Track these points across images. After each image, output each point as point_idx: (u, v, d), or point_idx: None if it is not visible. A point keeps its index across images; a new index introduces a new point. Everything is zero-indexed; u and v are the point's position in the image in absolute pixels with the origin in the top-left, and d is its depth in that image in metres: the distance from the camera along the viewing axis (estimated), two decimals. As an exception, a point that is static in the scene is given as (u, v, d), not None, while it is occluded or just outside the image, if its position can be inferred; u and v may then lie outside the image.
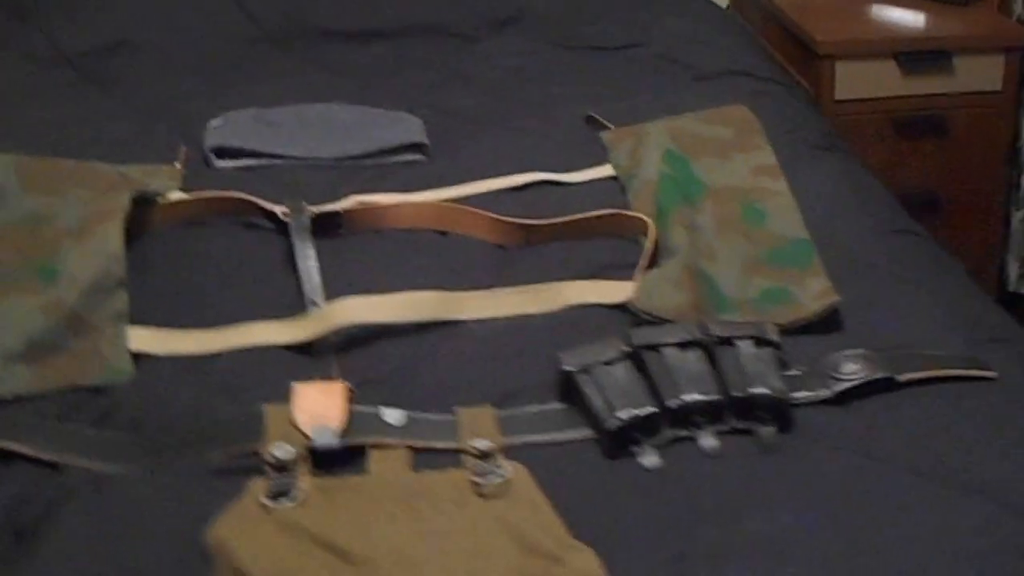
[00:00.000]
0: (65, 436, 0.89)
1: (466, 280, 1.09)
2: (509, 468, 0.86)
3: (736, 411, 0.91)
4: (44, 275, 0.98)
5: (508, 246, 1.16)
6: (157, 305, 1.02)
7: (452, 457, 0.89)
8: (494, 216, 1.16)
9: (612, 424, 0.88)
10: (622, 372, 0.92)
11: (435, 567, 0.77)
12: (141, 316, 1.00)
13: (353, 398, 0.93)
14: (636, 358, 0.93)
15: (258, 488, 0.84)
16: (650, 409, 0.89)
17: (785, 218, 1.16)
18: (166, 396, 0.94)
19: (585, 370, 0.92)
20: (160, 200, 1.17)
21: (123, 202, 1.09)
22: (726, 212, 1.16)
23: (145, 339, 0.99)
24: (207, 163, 1.30)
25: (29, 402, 0.92)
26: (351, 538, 0.79)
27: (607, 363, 0.93)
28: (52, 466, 0.88)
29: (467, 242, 1.16)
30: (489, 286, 1.07)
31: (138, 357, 0.97)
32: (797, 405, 0.93)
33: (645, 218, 1.13)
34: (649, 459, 0.89)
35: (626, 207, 1.20)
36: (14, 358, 0.93)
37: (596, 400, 0.91)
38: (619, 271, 1.10)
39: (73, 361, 0.95)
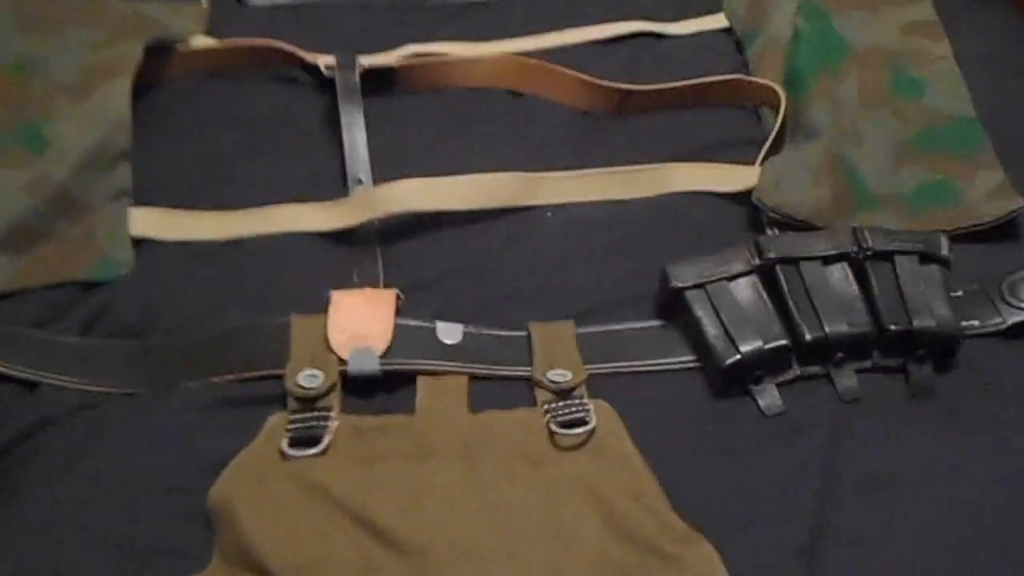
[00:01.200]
0: (45, 347, 0.72)
1: (546, 155, 0.88)
2: (594, 410, 0.68)
3: (886, 346, 0.71)
4: (30, 142, 0.80)
5: (598, 114, 0.94)
6: (167, 179, 0.83)
7: (522, 389, 0.70)
8: (582, 76, 0.93)
9: (728, 358, 0.69)
10: (747, 291, 0.72)
11: (504, 561, 0.59)
12: (146, 194, 0.81)
13: (401, 308, 0.74)
14: (766, 274, 0.72)
15: (277, 426, 0.67)
16: (781, 342, 0.69)
17: (947, 91, 0.91)
18: (171, 296, 0.76)
19: (699, 286, 0.72)
20: (180, 47, 0.96)
21: (134, 52, 0.88)
22: (873, 81, 0.91)
23: (150, 222, 0.80)
24: (238, 0, 1.08)
25: (4, 302, 0.75)
26: (392, 512, 0.61)
27: (728, 277, 0.72)
28: (28, 385, 0.71)
29: (548, 107, 0.94)
30: (574, 164, 0.86)
31: (140, 245, 0.79)
32: (962, 339, 0.72)
33: (775, 86, 0.90)
34: (770, 401, 0.70)
35: (740, 69, 0.97)
36: (-8, 247, 0.75)
37: (711, 326, 0.71)
38: (736, 151, 0.88)
39: (61, 250, 0.77)
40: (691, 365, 0.72)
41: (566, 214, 0.83)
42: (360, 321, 0.71)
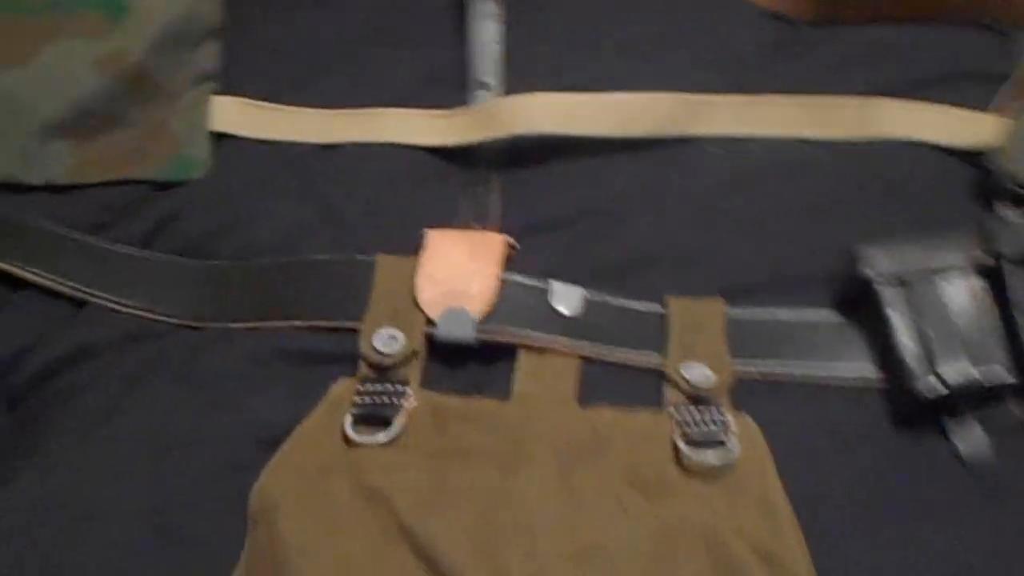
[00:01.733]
0: (98, 257, 0.62)
1: (723, 72, 0.69)
2: (738, 431, 0.52)
3: None
4: (108, 6, 0.67)
5: (795, 20, 0.74)
6: (259, 66, 0.70)
7: (646, 383, 0.56)
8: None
9: (927, 389, 0.52)
10: (962, 296, 0.54)
11: None
12: (233, 82, 0.69)
13: (512, 259, 0.60)
14: (993, 275, 0.54)
15: (341, 397, 0.55)
16: (1003, 376, 0.52)
17: None
18: (248, 209, 0.64)
19: (899, 280, 0.55)
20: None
21: None
22: None
23: (234, 115, 0.67)
24: None
25: (58, 198, 0.64)
26: (462, 547, 0.48)
27: (938, 272, 0.55)
28: (74, 303, 0.61)
29: (731, 6, 0.75)
30: (757, 88, 0.67)
31: (220, 142, 0.67)
32: None
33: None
34: (974, 446, 0.53)
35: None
36: (52, 130, 0.65)
37: (907, 338, 0.54)
38: (972, 89, 0.67)
39: (128, 141, 0.66)
40: (871, 383, 0.55)
41: (736, 152, 0.65)
42: (458, 273, 0.58)
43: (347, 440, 0.53)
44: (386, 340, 0.56)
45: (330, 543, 0.49)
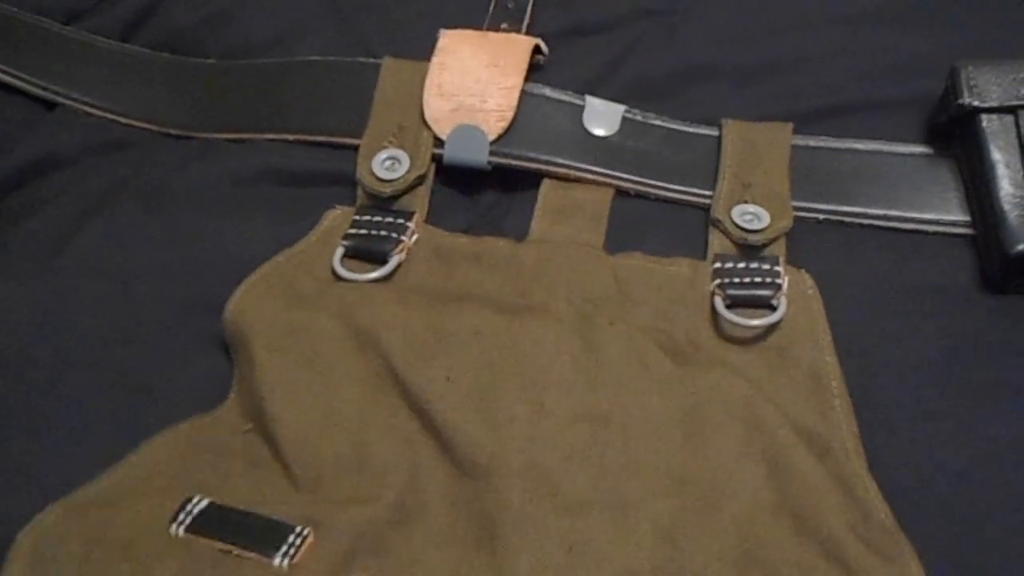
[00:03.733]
0: (72, 51, 0.55)
1: None
2: (789, 289, 0.44)
3: None
4: None
5: None
6: None
7: (690, 222, 0.47)
8: None
9: (1016, 247, 0.43)
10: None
11: (603, 512, 0.40)
12: None
13: (540, 68, 0.51)
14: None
15: (334, 228, 0.48)
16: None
17: None
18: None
19: (1008, 109, 0.44)
20: None
21: None
22: None
23: None
24: None
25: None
26: (461, 400, 0.42)
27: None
28: (45, 105, 0.54)
29: None
30: None
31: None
32: None
33: None
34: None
35: None
36: None
37: (1008, 182, 0.44)
38: None
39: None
40: (960, 229, 0.46)
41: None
42: (474, 83, 0.49)
43: (336, 275, 0.46)
44: (388, 165, 0.48)
45: (308, 384, 0.43)
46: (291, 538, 0.38)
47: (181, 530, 0.39)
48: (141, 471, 0.41)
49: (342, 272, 0.46)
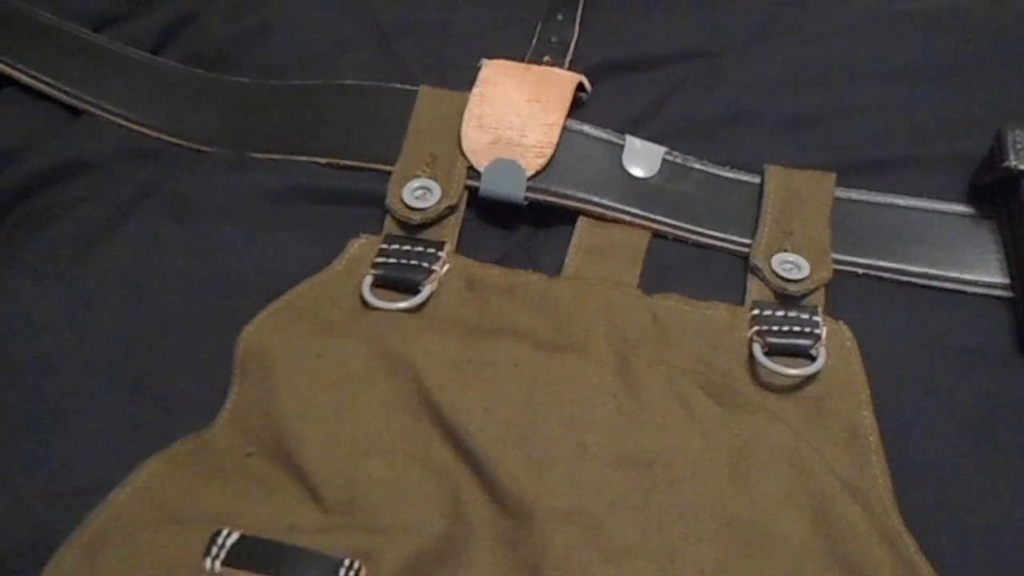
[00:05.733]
0: (102, 60, 0.54)
1: None
2: (827, 339, 0.43)
3: None
4: None
5: None
6: None
7: (727, 269, 0.47)
8: None
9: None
10: None
11: (647, 559, 0.38)
12: None
13: (580, 103, 0.50)
14: None
15: (361, 256, 0.47)
16: None
17: None
18: (278, 14, 0.55)
19: (1053, 173, 0.44)
20: None
21: None
22: None
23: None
24: None
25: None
26: (500, 433, 0.41)
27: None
28: (72, 111, 0.53)
29: None
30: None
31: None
32: None
33: None
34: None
35: None
36: None
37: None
38: None
39: None
40: (1000, 292, 0.45)
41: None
42: (514, 117, 0.48)
43: (364, 304, 0.45)
44: (419, 194, 0.47)
45: (336, 408, 0.41)
46: (343, 570, 0.37)
47: (218, 565, 0.37)
48: (142, 501, 0.39)
49: (372, 300, 0.45)
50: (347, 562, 0.37)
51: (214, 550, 0.37)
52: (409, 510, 0.39)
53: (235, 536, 0.37)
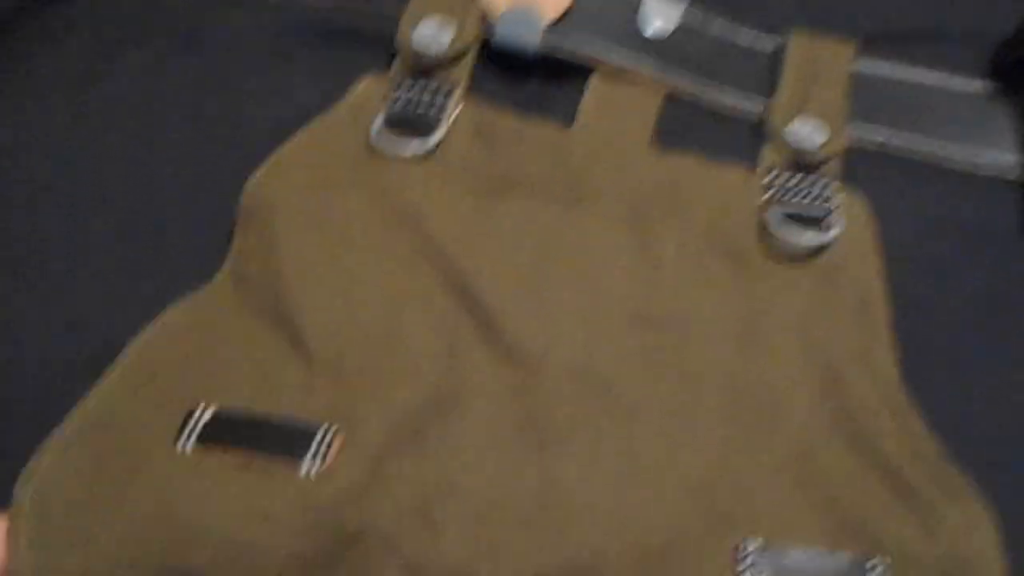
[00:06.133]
0: None
1: None
2: (844, 210, 0.43)
3: None
4: None
5: None
6: None
7: (741, 135, 0.45)
8: None
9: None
10: None
11: (664, 414, 0.38)
12: None
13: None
14: None
15: (370, 95, 0.45)
16: None
17: None
18: None
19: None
20: None
21: None
22: None
23: None
24: None
25: None
26: (509, 285, 0.40)
27: None
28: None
29: None
30: None
31: None
32: None
33: None
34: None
35: None
36: None
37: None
38: None
39: None
40: (1014, 175, 0.45)
41: None
42: (532, -38, 0.46)
43: (372, 149, 0.43)
44: (431, 32, 0.45)
45: (336, 263, 0.40)
46: (317, 439, 0.36)
47: (190, 445, 0.35)
48: (136, 376, 0.38)
49: (379, 146, 0.43)
50: (323, 430, 0.36)
51: (188, 429, 0.36)
52: (399, 364, 0.38)
53: (209, 413, 0.36)
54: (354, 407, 0.36)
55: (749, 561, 0.35)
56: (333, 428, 0.36)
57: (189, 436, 0.36)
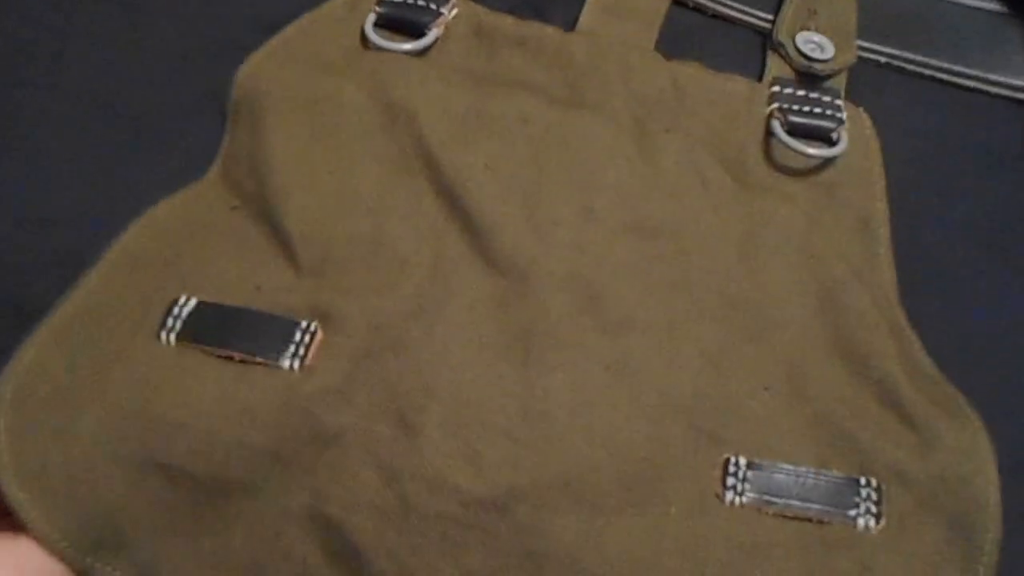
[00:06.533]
0: None
1: None
2: (848, 124, 0.42)
3: None
4: None
5: None
6: None
7: (748, 47, 0.44)
8: None
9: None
10: None
11: (653, 328, 0.37)
12: None
13: None
14: None
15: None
16: None
17: None
18: None
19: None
20: None
21: None
22: None
23: None
24: None
25: None
26: (499, 188, 0.38)
27: None
28: None
29: None
30: None
31: None
32: None
33: None
34: None
35: None
36: None
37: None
38: None
39: None
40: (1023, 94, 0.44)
41: None
42: None
43: (365, 42, 0.42)
44: None
45: (325, 162, 0.39)
46: (297, 335, 0.35)
47: (172, 337, 0.35)
48: (120, 270, 0.36)
49: (375, 39, 0.41)
50: (303, 324, 0.35)
51: (169, 321, 0.35)
52: (383, 266, 0.37)
53: (191, 304, 0.35)
54: (336, 308, 0.36)
55: (732, 481, 0.34)
56: (314, 325, 0.35)
57: (171, 328, 0.35)
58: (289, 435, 0.33)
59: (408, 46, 0.41)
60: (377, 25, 0.42)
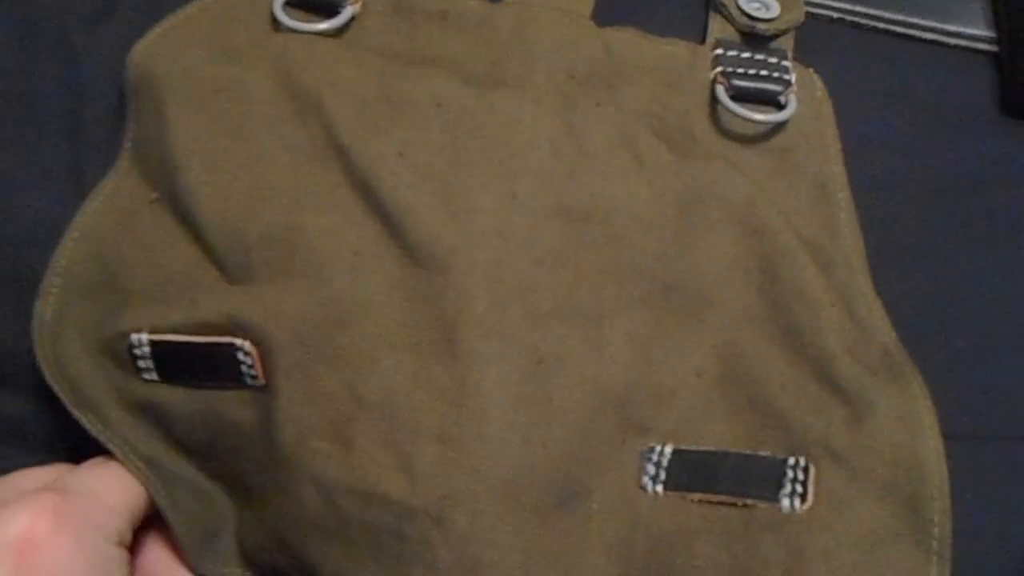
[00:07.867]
0: None
1: None
2: (797, 86, 0.39)
3: None
4: None
5: None
6: None
7: (689, 8, 0.41)
8: None
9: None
10: None
11: (576, 318, 0.35)
12: None
13: None
14: None
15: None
16: None
17: None
18: None
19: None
20: None
21: None
22: None
23: None
24: None
25: None
26: (416, 176, 0.36)
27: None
28: None
29: None
30: None
31: None
32: None
33: None
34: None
35: None
36: None
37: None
38: None
39: None
40: (984, 45, 0.41)
41: None
42: None
43: (276, 24, 0.39)
44: None
45: (233, 155, 0.36)
46: (240, 355, 0.35)
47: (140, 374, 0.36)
48: (71, 300, 0.36)
49: (284, 20, 0.39)
50: (238, 343, 0.35)
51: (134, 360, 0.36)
52: (301, 268, 0.35)
53: (145, 342, 0.36)
54: (258, 316, 0.34)
55: (653, 470, 0.34)
56: (246, 343, 0.35)
57: (138, 367, 0.36)
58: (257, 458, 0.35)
59: (322, 26, 0.38)
60: (288, 4, 0.39)
